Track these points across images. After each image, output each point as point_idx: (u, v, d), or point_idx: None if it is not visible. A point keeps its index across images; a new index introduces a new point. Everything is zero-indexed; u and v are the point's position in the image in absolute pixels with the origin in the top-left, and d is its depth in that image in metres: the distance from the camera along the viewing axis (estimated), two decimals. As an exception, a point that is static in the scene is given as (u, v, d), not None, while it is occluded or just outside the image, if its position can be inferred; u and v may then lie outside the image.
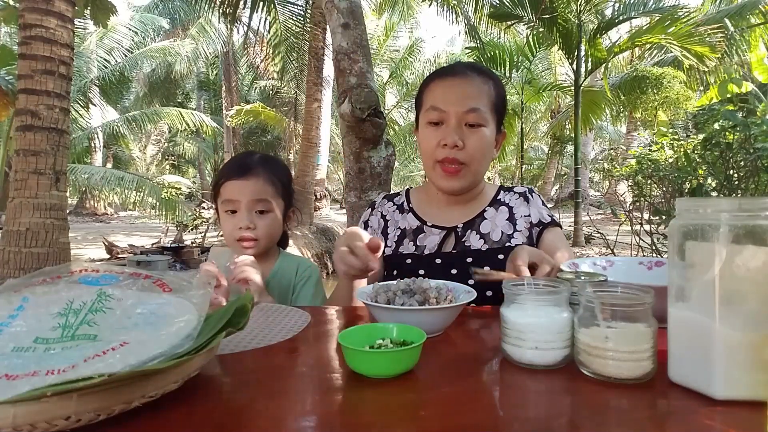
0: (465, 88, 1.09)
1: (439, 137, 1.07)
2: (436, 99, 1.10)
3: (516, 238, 1.13)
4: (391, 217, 1.23)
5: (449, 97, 1.08)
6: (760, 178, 2.68)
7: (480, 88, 1.10)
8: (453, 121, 1.07)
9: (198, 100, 22.01)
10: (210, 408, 0.50)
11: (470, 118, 1.07)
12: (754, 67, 3.84)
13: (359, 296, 0.77)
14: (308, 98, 9.41)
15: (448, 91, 1.09)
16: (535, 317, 0.59)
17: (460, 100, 1.07)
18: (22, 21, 4.11)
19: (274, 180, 1.20)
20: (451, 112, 1.07)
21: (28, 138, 4.10)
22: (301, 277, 1.23)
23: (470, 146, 1.07)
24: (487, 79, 1.12)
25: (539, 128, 19.39)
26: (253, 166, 1.19)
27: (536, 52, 7.94)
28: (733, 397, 0.49)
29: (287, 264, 1.25)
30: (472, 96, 1.08)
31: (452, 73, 1.12)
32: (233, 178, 1.18)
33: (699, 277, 0.52)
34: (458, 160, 1.07)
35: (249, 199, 1.17)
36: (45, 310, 0.54)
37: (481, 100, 1.08)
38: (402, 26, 16.61)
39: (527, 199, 1.19)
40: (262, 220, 1.18)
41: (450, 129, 1.07)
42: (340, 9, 2.79)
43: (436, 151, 1.08)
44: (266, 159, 1.25)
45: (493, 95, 1.11)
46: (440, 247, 1.14)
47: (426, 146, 1.11)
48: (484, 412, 0.50)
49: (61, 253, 4.24)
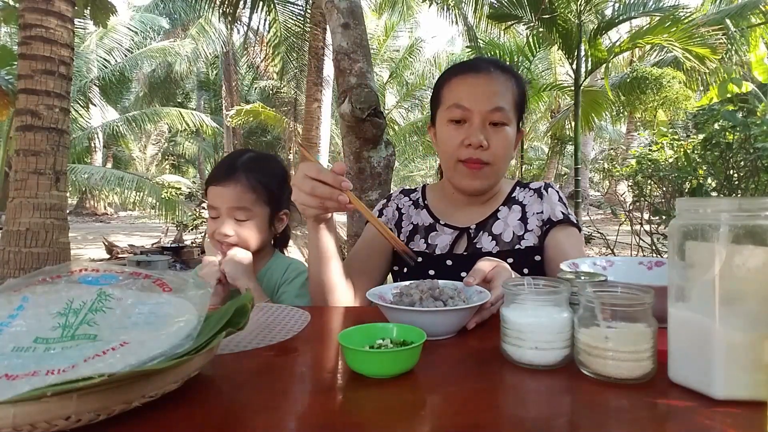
0: (490, 86, 1.05)
1: (462, 136, 1.03)
2: (459, 96, 1.05)
3: (527, 240, 1.09)
4: (406, 211, 1.20)
5: (474, 95, 1.04)
6: (760, 178, 2.68)
7: (505, 85, 1.06)
8: (477, 120, 1.03)
9: (198, 100, 22.02)
10: (210, 408, 0.50)
11: (495, 117, 1.03)
12: (754, 67, 3.84)
13: (370, 296, 0.76)
14: (308, 98, 9.40)
15: (473, 89, 1.05)
16: (535, 317, 0.59)
17: (486, 98, 1.03)
18: (22, 21, 4.11)
19: (256, 186, 1.15)
20: (476, 110, 1.03)
21: (28, 138, 4.09)
22: (287, 277, 1.20)
23: (495, 146, 1.04)
24: (510, 76, 1.08)
25: (539, 128, 19.39)
26: (236, 171, 1.15)
27: (536, 52, 7.93)
28: (733, 397, 0.49)
29: (276, 266, 1.23)
30: (497, 94, 1.04)
31: (475, 69, 1.07)
32: (214, 183, 1.15)
33: (699, 277, 0.52)
34: (482, 160, 1.04)
35: (228, 207, 1.14)
36: (45, 310, 0.54)
37: (506, 98, 1.05)
38: (402, 26, 16.61)
39: (541, 195, 1.14)
40: (241, 228, 1.14)
41: (474, 128, 1.03)
42: (340, 9, 2.78)
43: (459, 151, 1.05)
44: (253, 162, 1.19)
45: (516, 93, 1.08)
46: (452, 248, 1.11)
47: (448, 145, 1.07)
48: (484, 412, 0.50)
49: (61, 253, 4.24)
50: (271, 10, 8.58)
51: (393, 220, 1.20)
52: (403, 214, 1.20)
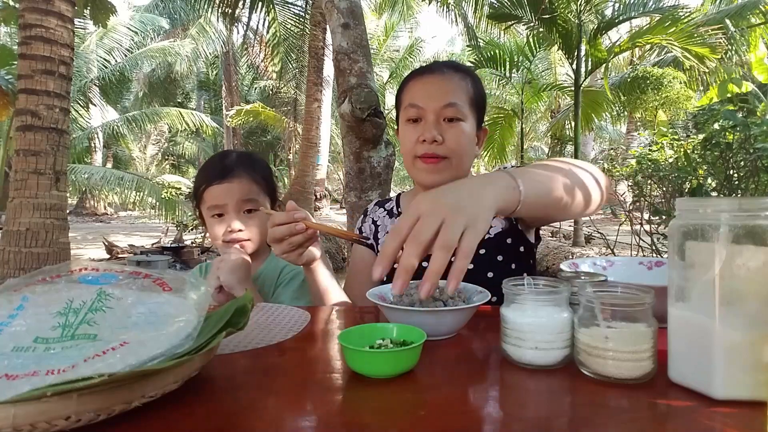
0: (442, 84, 1.10)
1: (418, 133, 1.08)
2: (413, 96, 1.10)
3: (495, 227, 1.13)
4: (382, 222, 1.24)
5: (427, 93, 1.09)
6: (760, 178, 2.68)
7: (458, 84, 1.10)
8: (431, 117, 1.07)
9: (198, 100, 22.03)
10: (210, 408, 0.50)
11: (448, 113, 1.07)
12: (754, 67, 3.83)
13: (370, 296, 0.77)
14: (308, 98, 9.41)
15: (426, 88, 1.10)
16: (535, 317, 0.59)
17: (438, 95, 1.08)
18: (22, 21, 4.11)
19: (257, 178, 1.19)
20: (429, 108, 1.07)
21: (28, 138, 4.09)
22: (284, 278, 1.21)
23: (450, 140, 1.07)
24: (464, 75, 1.13)
25: (539, 128, 19.39)
26: (235, 168, 1.17)
27: (536, 52, 7.93)
28: (733, 397, 0.49)
29: (272, 267, 1.23)
30: (449, 91, 1.08)
31: (429, 71, 1.13)
32: (216, 183, 1.16)
33: (699, 277, 0.52)
34: (438, 154, 1.07)
35: (236, 200, 1.15)
36: (45, 310, 0.53)
37: (459, 95, 1.09)
38: (402, 26, 16.62)
39: None
40: (251, 219, 1.17)
41: (428, 124, 1.07)
42: (340, 9, 2.78)
43: (416, 147, 1.09)
44: (245, 158, 1.23)
45: (471, 91, 1.12)
46: None
47: (405, 143, 1.12)
48: (484, 412, 0.50)
49: (61, 253, 4.24)
50: (270, 10, 8.58)
51: (371, 234, 1.24)
52: (379, 225, 1.24)
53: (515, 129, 9.95)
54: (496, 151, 10.00)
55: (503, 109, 10.88)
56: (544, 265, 5.17)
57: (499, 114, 9.97)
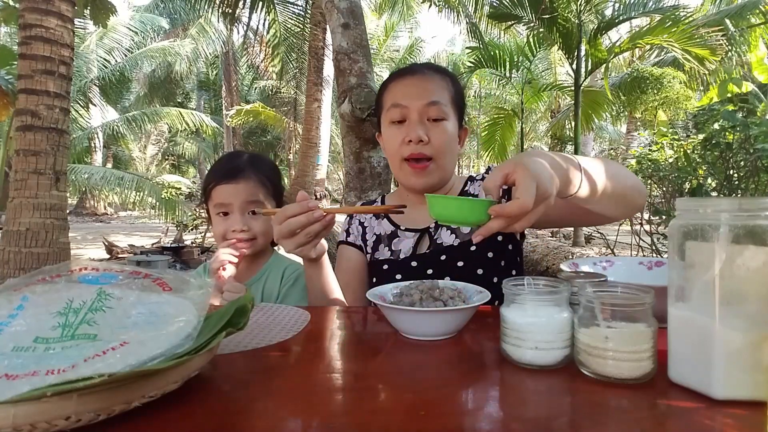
0: (425, 83, 1.11)
1: (403, 134, 1.08)
2: (396, 96, 1.11)
3: None
4: (369, 224, 1.24)
5: (409, 93, 1.10)
6: (760, 178, 2.68)
7: (438, 83, 1.11)
8: (415, 117, 1.08)
9: (198, 100, 22.03)
10: (210, 408, 0.50)
11: (432, 112, 1.08)
12: (754, 67, 3.83)
13: (370, 296, 0.77)
14: (308, 98, 9.40)
15: (408, 88, 1.11)
16: (535, 317, 0.59)
17: (421, 94, 1.08)
18: (22, 21, 4.11)
19: (264, 180, 1.21)
20: (413, 107, 1.08)
21: (28, 138, 4.09)
22: (288, 279, 1.22)
23: (435, 140, 1.07)
24: (444, 75, 1.15)
25: (539, 128, 19.39)
26: (243, 169, 1.19)
27: (536, 52, 7.93)
28: (733, 397, 0.49)
29: (275, 267, 1.25)
30: (431, 90, 1.09)
31: (410, 71, 1.14)
32: (224, 182, 1.18)
33: (699, 277, 0.52)
34: (425, 154, 1.07)
35: (242, 201, 1.17)
36: (45, 310, 0.53)
37: (441, 94, 1.10)
38: (402, 26, 16.62)
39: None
40: (255, 220, 1.18)
41: (413, 124, 1.07)
42: (340, 9, 2.79)
43: (402, 149, 1.09)
44: (254, 159, 1.25)
45: (452, 90, 1.13)
46: (415, 249, 1.14)
47: (391, 145, 1.12)
48: (484, 412, 0.50)
49: (61, 253, 4.24)
50: (271, 10, 8.58)
51: (359, 236, 1.23)
52: (366, 227, 1.24)
53: (515, 129, 9.94)
54: (497, 151, 9.99)
55: (503, 109, 10.87)
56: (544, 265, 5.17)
57: (499, 114, 9.96)
